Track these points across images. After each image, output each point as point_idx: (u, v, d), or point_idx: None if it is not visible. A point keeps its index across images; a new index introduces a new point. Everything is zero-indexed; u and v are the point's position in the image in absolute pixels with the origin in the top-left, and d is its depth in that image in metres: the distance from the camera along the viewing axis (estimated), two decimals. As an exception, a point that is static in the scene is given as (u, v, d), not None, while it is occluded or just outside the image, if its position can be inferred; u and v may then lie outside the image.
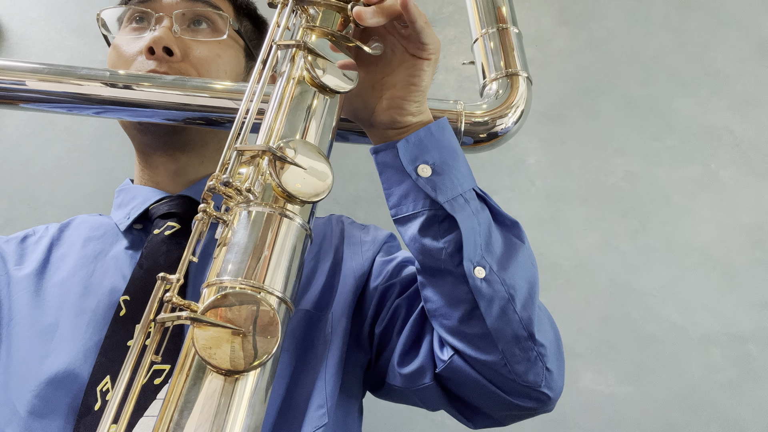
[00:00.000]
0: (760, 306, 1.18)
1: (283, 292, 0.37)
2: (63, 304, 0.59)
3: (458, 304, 0.52)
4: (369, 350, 0.64)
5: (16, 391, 0.53)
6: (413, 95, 0.52)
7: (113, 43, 0.72)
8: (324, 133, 0.45)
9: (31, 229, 0.69)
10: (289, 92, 0.44)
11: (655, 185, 1.28)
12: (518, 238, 0.56)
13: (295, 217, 0.39)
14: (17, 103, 0.59)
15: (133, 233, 0.66)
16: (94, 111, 0.59)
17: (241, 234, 0.38)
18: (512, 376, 0.53)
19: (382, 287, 0.63)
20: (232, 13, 0.75)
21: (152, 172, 0.71)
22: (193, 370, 0.34)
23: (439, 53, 0.52)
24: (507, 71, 0.62)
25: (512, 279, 0.52)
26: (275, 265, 0.37)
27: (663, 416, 1.13)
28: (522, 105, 0.62)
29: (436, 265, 0.53)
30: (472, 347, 0.53)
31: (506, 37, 0.64)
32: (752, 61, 1.36)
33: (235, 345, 0.33)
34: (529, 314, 0.52)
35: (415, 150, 0.52)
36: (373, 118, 0.54)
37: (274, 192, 0.39)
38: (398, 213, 0.53)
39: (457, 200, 0.51)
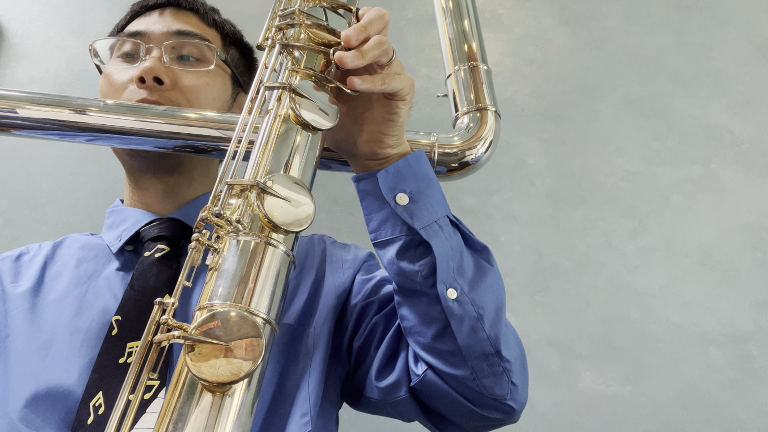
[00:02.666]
0: (760, 306, 1.18)
1: (268, 313, 0.40)
2: (58, 323, 0.61)
3: (432, 322, 0.57)
4: (347, 363, 0.68)
5: (13, 405, 0.56)
6: (391, 130, 0.57)
7: (105, 71, 0.74)
8: (307, 166, 0.49)
9: (25, 248, 0.72)
10: (275, 129, 0.49)
11: (655, 185, 1.29)
12: (487, 262, 0.60)
13: (279, 245, 0.43)
14: (9, 129, 0.62)
15: (124, 255, 0.69)
16: (86, 138, 0.62)
17: (230, 261, 0.42)
18: (480, 390, 0.57)
19: (361, 304, 0.67)
20: (220, 42, 0.78)
21: (142, 194, 0.74)
22: (186, 387, 0.37)
23: (413, 90, 0.56)
24: (477, 106, 0.69)
25: (481, 300, 0.56)
26: (261, 289, 0.41)
27: (663, 416, 1.13)
28: (490, 137, 0.68)
29: (412, 287, 0.57)
30: (444, 363, 0.57)
31: (476, 74, 0.71)
32: (752, 61, 1.36)
33: (222, 360, 0.36)
34: (496, 332, 0.57)
35: (394, 180, 0.56)
36: (354, 149, 0.58)
37: (261, 222, 0.43)
38: (377, 237, 0.58)
39: (432, 227, 0.56)
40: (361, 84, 0.52)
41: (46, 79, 1.37)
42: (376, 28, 0.53)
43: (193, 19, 0.76)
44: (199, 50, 0.74)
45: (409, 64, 1.42)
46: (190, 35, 0.73)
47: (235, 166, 0.47)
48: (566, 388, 1.15)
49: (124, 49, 0.74)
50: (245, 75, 0.82)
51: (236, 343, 0.37)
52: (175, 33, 0.73)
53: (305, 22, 0.53)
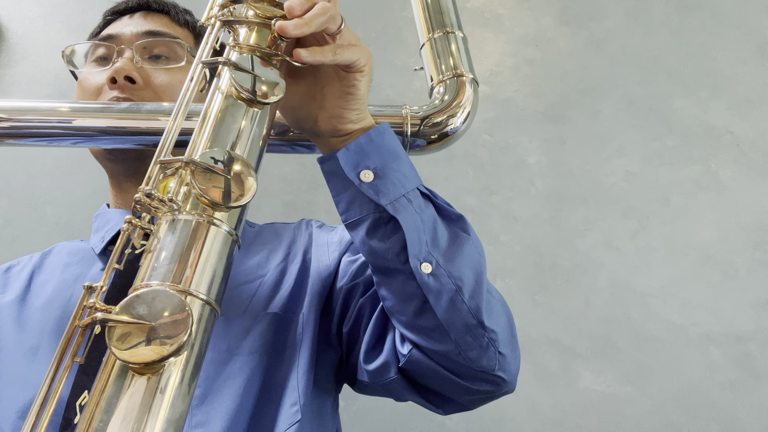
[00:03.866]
0: (760, 306, 1.18)
1: (208, 294, 0.39)
2: (44, 328, 0.61)
3: (410, 299, 0.55)
4: (339, 348, 0.67)
5: (4, 414, 0.56)
6: (351, 104, 0.55)
7: (80, 77, 0.75)
8: (253, 144, 0.47)
9: (16, 260, 0.73)
10: (216, 106, 0.47)
11: (655, 185, 1.29)
12: (464, 231, 0.58)
13: (222, 224, 0.42)
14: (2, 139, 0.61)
15: (107, 254, 0.69)
16: (72, 142, 0.61)
17: (166, 241, 0.40)
18: (467, 363, 0.55)
19: (347, 287, 0.66)
20: (192, 41, 0.78)
21: (123, 196, 0.74)
22: (116, 370, 0.35)
23: (371, 61, 0.54)
24: (454, 72, 0.65)
25: (458, 271, 0.54)
26: (201, 269, 0.39)
27: (663, 416, 1.13)
28: (468, 106, 0.64)
29: (386, 265, 0.55)
30: (427, 339, 0.56)
31: (451, 41, 0.68)
32: (752, 61, 1.36)
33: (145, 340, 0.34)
34: (477, 303, 0.55)
35: (356, 157, 0.54)
36: (316, 127, 0.57)
37: (200, 201, 0.42)
38: (347, 218, 0.56)
39: (399, 201, 0.54)
40: (308, 56, 0.49)
41: (46, 79, 1.37)
42: None
43: (164, 20, 0.77)
44: (170, 49, 0.74)
45: (409, 63, 1.42)
46: (161, 35, 0.74)
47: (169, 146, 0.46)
48: (566, 388, 1.15)
49: (97, 53, 0.74)
50: None
51: (161, 322, 0.35)
52: (146, 33, 0.73)
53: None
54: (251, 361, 0.60)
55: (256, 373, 0.59)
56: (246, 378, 0.58)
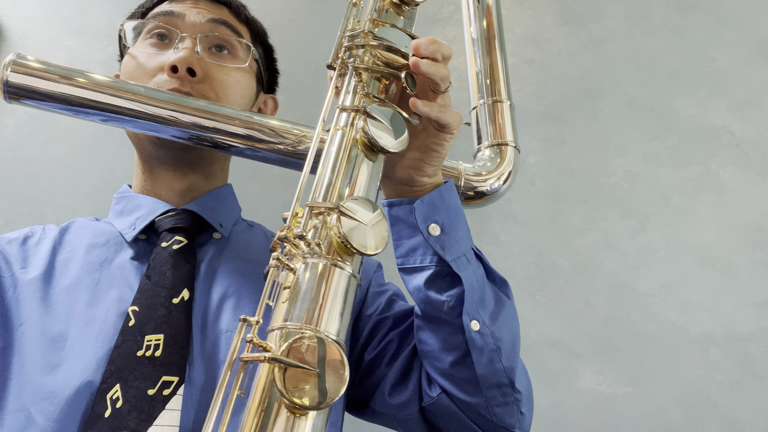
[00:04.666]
0: (760, 306, 1.18)
1: (337, 335, 0.42)
2: (71, 312, 0.60)
3: (452, 350, 0.59)
4: (354, 372, 0.69)
5: (30, 398, 0.54)
6: (433, 160, 0.59)
7: (131, 53, 0.73)
8: (370, 190, 0.51)
9: (28, 229, 0.69)
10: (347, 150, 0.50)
11: (655, 185, 1.28)
12: (506, 295, 0.62)
13: (346, 266, 0.44)
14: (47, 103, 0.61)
15: (138, 243, 0.67)
16: (101, 119, 0.62)
17: (303, 283, 0.43)
18: (491, 417, 0.59)
19: (375, 318, 0.69)
20: (250, 39, 0.77)
21: (155, 183, 0.73)
22: (266, 409, 0.38)
23: (460, 126, 0.58)
24: (498, 141, 0.73)
25: (500, 332, 0.59)
26: (329, 311, 0.42)
27: (663, 416, 1.13)
28: (509, 169, 0.73)
29: (437, 315, 0.58)
30: (459, 389, 0.59)
31: (500, 110, 0.75)
32: (752, 61, 1.36)
33: (311, 385, 0.37)
34: (511, 364, 0.59)
35: (428, 210, 0.58)
36: (392, 172, 0.60)
37: (336, 245, 0.44)
38: (405, 263, 0.59)
39: (461, 259, 0.58)
40: (422, 106, 0.54)
41: (46, 79, 1.37)
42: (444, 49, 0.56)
43: (225, 12, 0.76)
44: (232, 44, 0.73)
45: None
46: (227, 26, 0.73)
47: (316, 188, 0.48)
48: (566, 388, 1.15)
49: (154, 32, 0.72)
50: (266, 74, 0.82)
51: (324, 369, 0.38)
52: (211, 21, 0.72)
53: (371, 44, 0.56)
54: None
55: None
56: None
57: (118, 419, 0.51)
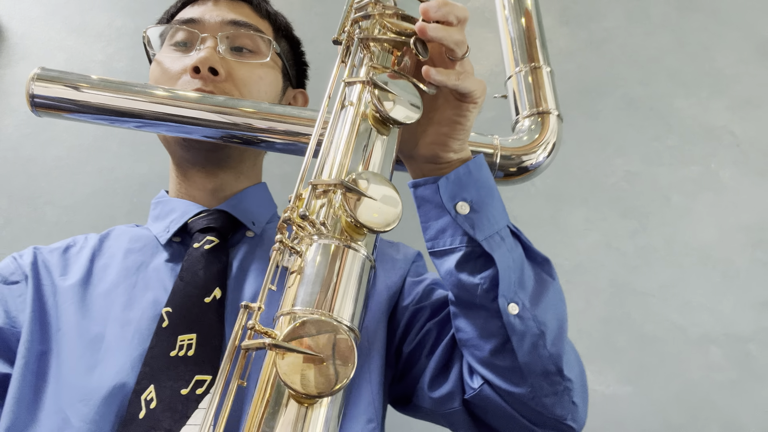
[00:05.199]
0: (760, 306, 1.18)
1: (351, 321, 0.39)
2: (108, 315, 0.61)
3: (490, 337, 0.54)
4: (394, 366, 0.65)
5: (67, 400, 0.55)
6: (457, 134, 0.55)
7: (157, 59, 0.74)
8: (385, 166, 0.47)
9: (71, 239, 0.72)
10: (356, 126, 0.47)
11: (655, 185, 1.28)
12: (549, 275, 0.57)
13: (361, 248, 0.41)
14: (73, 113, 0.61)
15: (172, 246, 0.68)
16: (135, 125, 0.62)
17: (311, 266, 0.40)
18: (540, 409, 0.54)
19: (412, 308, 0.65)
20: (272, 34, 0.77)
21: (189, 185, 0.73)
22: (273, 397, 0.35)
23: (485, 95, 0.54)
24: (539, 109, 0.65)
25: (543, 316, 0.54)
26: (342, 295, 0.39)
27: (663, 416, 1.13)
28: (553, 140, 0.65)
29: (471, 299, 0.54)
30: (502, 379, 0.55)
31: (539, 76, 0.67)
32: (752, 61, 1.36)
33: (314, 371, 0.34)
34: (558, 350, 0.54)
35: (455, 187, 0.54)
36: (415, 151, 0.56)
37: (344, 224, 0.41)
38: (435, 246, 0.55)
39: (493, 238, 0.53)
40: (436, 75, 0.49)
41: (46, 79, 1.37)
42: (458, 10, 0.52)
43: (246, 9, 0.76)
44: (254, 42, 0.73)
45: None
46: (246, 26, 0.72)
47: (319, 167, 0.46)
48: (566, 388, 1.15)
49: (177, 37, 0.73)
50: (293, 69, 0.81)
51: (329, 355, 0.35)
52: (231, 23, 0.72)
53: (378, 12, 0.51)
54: None
55: None
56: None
57: (152, 420, 0.51)
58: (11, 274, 0.66)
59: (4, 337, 0.60)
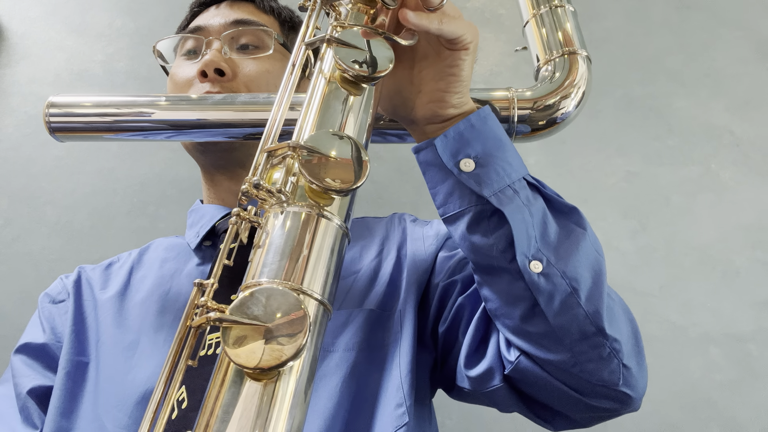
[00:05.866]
0: (760, 306, 1.18)
1: (322, 293, 0.36)
2: (143, 322, 0.62)
3: (517, 302, 0.49)
4: (433, 350, 0.62)
5: (103, 406, 0.56)
6: (454, 86, 0.50)
7: (170, 72, 0.75)
8: (360, 130, 0.44)
9: (116, 257, 0.74)
10: (321, 89, 0.44)
11: (655, 185, 1.28)
12: (579, 225, 0.52)
13: (333, 217, 0.39)
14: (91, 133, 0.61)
15: (203, 250, 0.70)
16: (166, 135, 0.61)
17: (277, 235, 0.37)
18: (585, 376, 0.49)
19: (443, 284, 0.61)
20: (278, 27, 0.78)
21: (217, 190, 0.75)
22: (231, 375, 0.33)
23: (478, 39, 0.50)
24: (564, 50, 0.58)
25: (574, 270, 0.49)
26: (314, 266, 0.37)
27: (663, 416, 1.13)
28: (583, 86, 0.57)
29: (489, 263, 0.50)
30: (538, 347, 0.50)
31: (561, 16, 0.60)
32: (752, 61, 1.36)
33: (261, 343, 0.31)
34: (596, 307, 0.48)
35: (456, 144, 0.49)
36: (413, 113, 0.52)
37: (308, 189, 0.39)
38: (445, 212, 0.51)
39: (504, 192, 0.48)
40: (414, 18, 0.45)
41: (46, 79, 1.37)
42: None
43: (249, 8, 0.77)
44: (258, 38, 0.74)
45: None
46: (247, 23, 0.73)
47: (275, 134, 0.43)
48: (566, 388, 1.15)
49: (186, 47, 0.74)
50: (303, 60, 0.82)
51: (277, 323, 0.32)
52: (233, 23, 0.73)
53: None
54: (348, 358, 0.56)
55: (354, 370, 0.55)
56: (343, 376, 0.55)
57: (184, 420, 0.51)
58: (58, 294, 0.68)
59: (50, 353, 0.63)
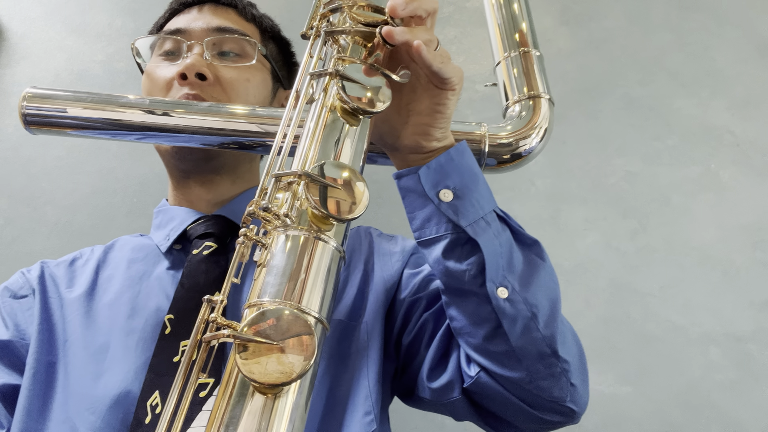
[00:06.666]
0: (760, 306, 1.18)
1: (319, 312, 0.39)
2: (113, 325, 0.62)
3: (482, 323, 0.54)
4: (396, 359, 0.66)
5: (75, 408, 0.57)
6: (438, 122, 0.54)
7: (146, 70, 0.75)
8: (356, 156, 0.47)
9: (78, 252, 0.73)
10: (323, 118, 0.47)
11: (655, 185, 1.28)
12: (539, 257, 0.57)
13: (330, 240, 0.42)
14: (65, 129, 0.62)
15: (173, 254, 0.70)
16: (136, 137, 0.62)
17: (279, 257, 0.40)
18: (538, 392, 0.54)
19: (409, 300, 0.65)
20: (259, 37, 0.78)
21: (186, 193, 0.74)
22: (237, 387, 0.36)
23: (463, 82, 0.54)
24: (529, 93, 0.65)
25: (534, 298, 0.54)
26: (311, 287, 0.39)
27: (663, 416, 1.13)
28: (545, 125, 0.64)
29: (460, 286, 0.54)
30: (498, 364, 0.55)
31: (528, 60, 0.66)
32: (752, 61, 1.36)
33: (273, 361, 0.34)
34: (551, 332, 0.54)
35: (437, 175, 0.54)
36: (398, 142, 0.56)
37: (310, 215, 0.41)
38: (422, 236, 0.55)
39: (478, 223, 0.53)
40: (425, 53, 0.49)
41: (46, 79, 1.37)
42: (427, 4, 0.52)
43: (231, 14, 0.77)
44: (240, 46, 0.74)
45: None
46: (231, 31, 0.73)
47: (282, 159, 0.46)
48: (566, 388, 1.15)
49: (165, 47, 0.74)
50: (284, 70, 0.81)
51: (288, 343, 0.35)
52: (216, 29, 0.73)
53: (348, 4, 0.51)
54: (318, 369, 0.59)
55: (323, 379, 0.59)
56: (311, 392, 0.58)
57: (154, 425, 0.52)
58: (20, 288, 0.67)
59: (14, 350, 0.62)
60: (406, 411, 1.14)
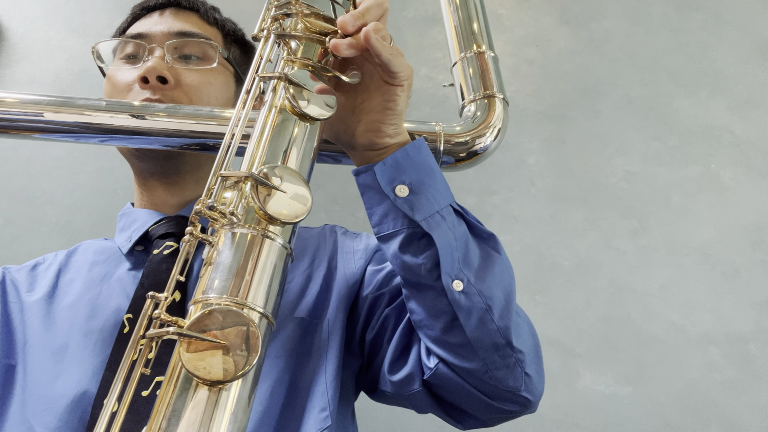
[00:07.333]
0: (760, 306, 1.18)
1: (264, 307, 0.40)
2: (72, 326, 0.62)
3: (439, 315, 0.55)
4: (360, 356, 0.67)
5: (32, 409, 0.57)
6: (390, 119, 0.55)
7: (108, 74, 0.75)
8: (304, 157, 0.48)
9: (41, 258, 0.73)
10: (271, 120, 0.48)
11: (655, 185, 1.29)
12: (495, 250, 0.58)
13: (277, 237, 0.42)
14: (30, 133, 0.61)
15: (135, 255, 0.70)
16: (99, 140, 0.61)
17: (225, 254, 0.41)
18: (493, 382, 0.56)
19: (372, 296, 0.66)
20: (221, 40, 0.78)
21: (150, 195, 0.75)
22: (180, 382, 0.36)
23: (412, 78, 0.56)
24: (484, 93, 0.66)
25: (489, 290, 0.55)
26: (257, 283, 0.40)
27: (663, 416, 1.13)
28: (499, 125, 0.65)
29: (417, 280, 0.56)
30: (455, 356, 0.56)
31: (483, 61, 0.68)
32: (752, 61, 1.36)
33: (218, 358, 0.35)
34: (506, 323, 0.55)
35: (392, 171, 0.55)
36: (353, 140, 0.57)
37: (257, 214, 0.42)
38: (380, 231, 0.56)
39: (433, 218, 0.54)
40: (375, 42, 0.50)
41: (46, 79, 1.37)
42: (374, 14, 0.53)
43: (194, 18, 0.77)
44: (201, 49, 0.74)
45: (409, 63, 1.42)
46: (192, 35, 0.74)
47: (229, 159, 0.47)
48: (566, 388, 1.15)
49: (126, 51, 0.74)
50: (246, 73, 0.82)
51: (232, 340, 0.36)
52: (177, 33, 0.73)
53: (302, 11, 0.52)
54: (278, 365, 0.60)
55: (283, 376, 0.60)
56: (273, 381, 0.59)
57: None
58: None
59: None
60: (406, 411, 1.14)
